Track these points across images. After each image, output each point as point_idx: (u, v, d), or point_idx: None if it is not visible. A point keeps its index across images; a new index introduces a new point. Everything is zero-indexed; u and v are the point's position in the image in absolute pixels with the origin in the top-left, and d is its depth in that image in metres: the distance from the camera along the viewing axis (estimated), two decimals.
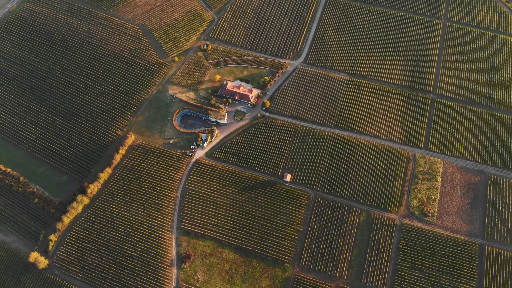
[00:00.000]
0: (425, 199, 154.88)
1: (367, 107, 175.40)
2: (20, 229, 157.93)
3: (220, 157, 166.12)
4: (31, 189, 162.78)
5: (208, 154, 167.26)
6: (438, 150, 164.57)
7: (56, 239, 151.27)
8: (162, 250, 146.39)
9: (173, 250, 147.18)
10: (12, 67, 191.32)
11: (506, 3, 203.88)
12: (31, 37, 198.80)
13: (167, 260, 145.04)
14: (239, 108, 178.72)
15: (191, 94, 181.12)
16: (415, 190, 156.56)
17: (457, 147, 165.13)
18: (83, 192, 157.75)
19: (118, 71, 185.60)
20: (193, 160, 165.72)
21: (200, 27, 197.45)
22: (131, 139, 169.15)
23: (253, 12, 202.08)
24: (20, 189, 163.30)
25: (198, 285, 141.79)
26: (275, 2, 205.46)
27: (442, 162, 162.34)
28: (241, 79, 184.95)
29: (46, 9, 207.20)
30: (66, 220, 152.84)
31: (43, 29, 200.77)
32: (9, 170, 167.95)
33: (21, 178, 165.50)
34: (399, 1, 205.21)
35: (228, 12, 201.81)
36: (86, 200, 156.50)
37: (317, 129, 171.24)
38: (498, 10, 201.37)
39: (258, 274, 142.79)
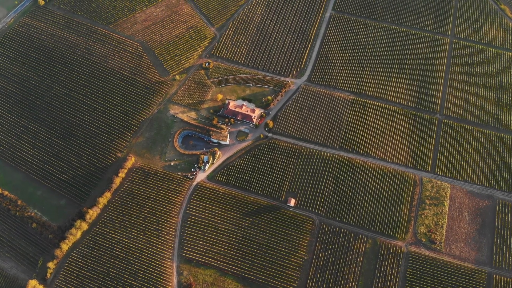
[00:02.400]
0: (432, 226, 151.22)
1: (372, 128, 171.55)
2: (18, 255, 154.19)
3: (222, 180, 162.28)
4: (29, 213, 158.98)
5: (210, 177, 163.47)
6: (446, 174, 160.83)
7: (54, 266, 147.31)
8: (163, 279, 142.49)
9: (174, 279, 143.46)
10: (9, 84, 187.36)
11: None
12: (29, 53, 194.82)
13: None
14: (242, 128, 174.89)
15: (193, 114, 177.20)
16: (422, 216, 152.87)
17: (464, 170, 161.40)
18: (82, 217, 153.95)
19: (118, 90, 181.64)
20: (195, 183, 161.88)
21: (201, 44, 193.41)
22: (131, 161, 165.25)
23: (256, 28, 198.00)
24: (18, 213, 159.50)
25: None
26: (277, 19, 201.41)
27: (449, 186, 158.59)
28: (244, 98, 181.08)
29: (44, 24, 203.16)
30: (65, 247, 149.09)
31: (41, 45, 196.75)
32: (6, 193, 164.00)
33: (19, 202, 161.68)
34: (404, 17, 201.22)
35: (230, 28, 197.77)
36: (85, 226, 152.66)
37: (322, 151, 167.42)
38: (505, 26, 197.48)
39: None
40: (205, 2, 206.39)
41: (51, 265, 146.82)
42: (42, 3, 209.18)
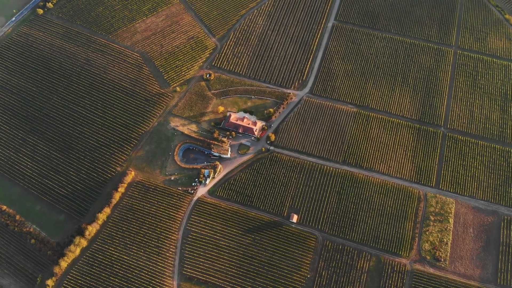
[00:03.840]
0: (437, 243, 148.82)
1: (376, 141, 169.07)
2: (16, 272, 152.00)
3: (223, 195, 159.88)
4: (28, 229, 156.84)
5: (211, 192, 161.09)
6: (450, 189, 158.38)
7: (53, 284, 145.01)
8: None
9: None
10: (7, 95, 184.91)
11: None
12: (27, 64, 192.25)
13: None
14: (243, 141, 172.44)
15: (193, 127, 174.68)
16: (427, 233, 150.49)
17: (469, 185, 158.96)
18: (81, 233, 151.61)
19: (117, 102, 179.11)
20: (195, 198, 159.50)
21: (202, 55, 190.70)
22: (130, 175, 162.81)
23: (257, 39, 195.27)
24: (16, 229, 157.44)
25: None
26: (279, 29, 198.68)
27: (454, 202, 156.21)
28: (245, 111, 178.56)
29: (42, 33, 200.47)
30: (64, 264, 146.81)
31: (39, 55, 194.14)
32: (4, 207, 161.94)
33: (17, 217, 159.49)
34: (408, 27, 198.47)
35: (231, 39, 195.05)
36: (84, 243, 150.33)
37: (324, 165, 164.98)
38: (510, 37, 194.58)
39: None
40: (206, 11, 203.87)
41: (50, 282, 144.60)
42: (41, 12, 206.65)
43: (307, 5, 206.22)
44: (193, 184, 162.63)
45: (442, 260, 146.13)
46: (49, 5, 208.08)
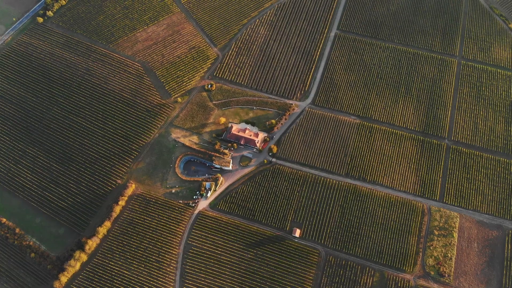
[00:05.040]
0: (441, 258, 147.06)
1: (379, 154, 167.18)
2: (16, 286, 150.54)
3: (224, 208, 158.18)
4: (27, 242, 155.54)
5: (212, 205, 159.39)
6: (454, 203, 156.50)
7: None
8: None
9: None
10: (7, 106, 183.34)
11: None
12: (27, 73, 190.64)
13: None
14: (245, 153, 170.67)
15: (195, 138, 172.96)
16: (431, 248, 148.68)
17: (473, 199, 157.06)
18: (81, 247, 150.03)
19: (118, 113, 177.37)
20: (196, 211, 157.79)
21: (204, 65, 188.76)
22: (131, 188, 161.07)
23: (259, 49, 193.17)
24: (16, 242, 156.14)
25: None
26: (281, 38, 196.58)
27: (458, 216, 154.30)
28: (247, 122, 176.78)
29: (42, 42, 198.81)
30: (64, 279, 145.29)
31: (39, 64, 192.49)
32: (4, 220, 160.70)
33: (17, 230, 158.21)
34: (411, 37, 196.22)
35: (233, 49, 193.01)
36: (84, 257, 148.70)
37: (327, 177, 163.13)
38: None
39: None
40: (207, 21, 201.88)
41: None
42: (41, 20, 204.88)
43: (309, 14, 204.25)
44: (194, 197, 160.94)
45: (446, 275, 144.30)
46: (49, 13, 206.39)
